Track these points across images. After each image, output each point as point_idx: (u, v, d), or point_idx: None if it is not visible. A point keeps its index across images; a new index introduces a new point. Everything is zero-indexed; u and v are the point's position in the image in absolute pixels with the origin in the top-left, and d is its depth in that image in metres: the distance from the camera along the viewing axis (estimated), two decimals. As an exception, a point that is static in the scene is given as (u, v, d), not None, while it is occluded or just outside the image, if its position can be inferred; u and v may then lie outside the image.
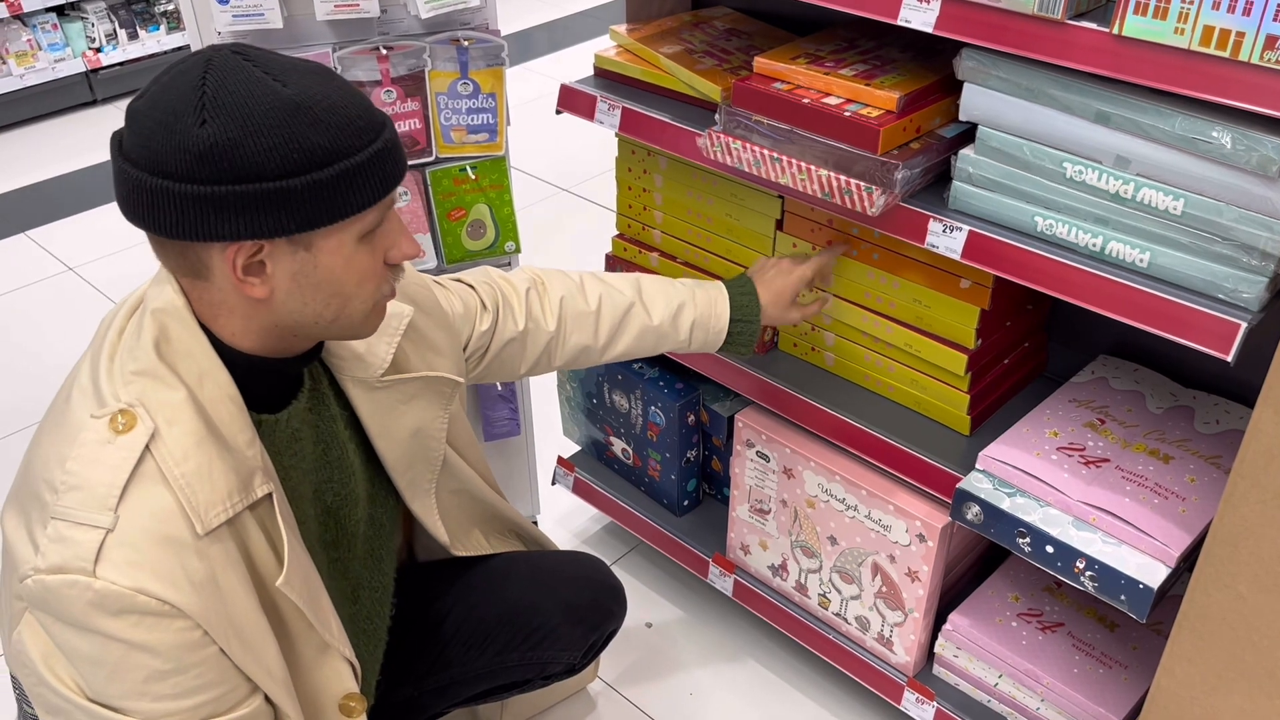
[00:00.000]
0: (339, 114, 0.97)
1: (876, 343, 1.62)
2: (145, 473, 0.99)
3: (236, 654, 1.04)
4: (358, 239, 1.03)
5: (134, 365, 1.03)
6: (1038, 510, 1.37)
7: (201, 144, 0.93)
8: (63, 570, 0.96)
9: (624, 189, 1.88)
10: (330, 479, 1.24)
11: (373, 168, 1.00)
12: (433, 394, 1.32)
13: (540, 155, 3.79)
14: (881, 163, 1.31)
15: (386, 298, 1.12)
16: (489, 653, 1.53)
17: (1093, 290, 1.22)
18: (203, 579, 1.00)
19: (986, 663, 1.61)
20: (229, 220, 0.95)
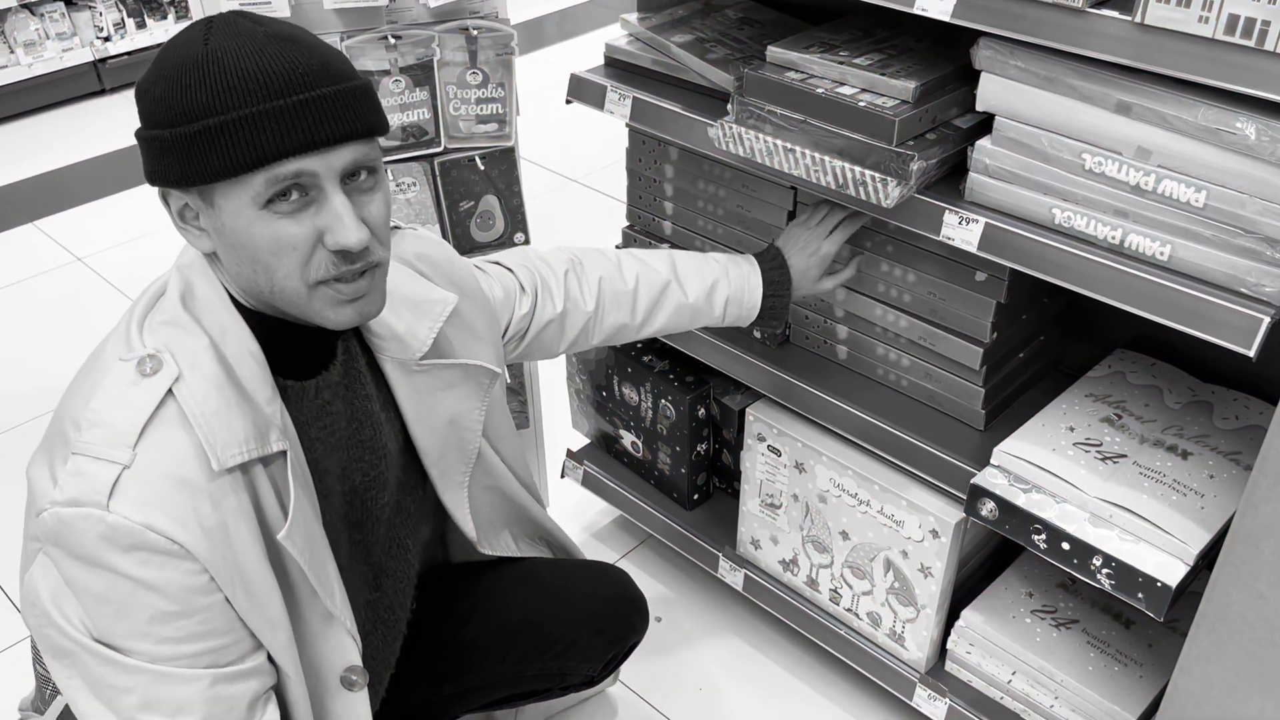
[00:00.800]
0: (230, 73, 0.95)
1: (890, 335, 1.60)
2: (166, 415, 1.00)
3: (241, 605, 1.05)
4: (257, 205, 0.98)
5: (161, 316, 1.06)
6: (1054, 507, 1.35)
7: (137, 88, 1.00)
8: (77, 503, 0.97)
9: (634, 179, 1.86)
10: (360, 458, 1.23)
11: (245, 128, 0.94)
12: (471, 383, 1.32)
13: (550, 146, 3.77)
14: (897, 154, 1.29)
15: (337, 287, 1.04)
16: (509, 660, 1.52)
17: (1112, 284, 1.20)
18: (213, 524, 1.01)
19: (1000, 659, 1.59)
20: (145, 162, 1.01)
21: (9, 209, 3.64)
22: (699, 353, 1.80)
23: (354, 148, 1.00)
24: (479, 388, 1.33)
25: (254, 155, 0.96)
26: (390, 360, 1.23)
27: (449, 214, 1.71)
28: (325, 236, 1.01)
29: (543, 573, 1.59)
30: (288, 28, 0.99)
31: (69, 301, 3.13)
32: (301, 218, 1.00)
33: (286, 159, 0.97)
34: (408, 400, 1.26)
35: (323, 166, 0.99)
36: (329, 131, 0.98)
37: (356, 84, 1.01)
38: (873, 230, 1.55)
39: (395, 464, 1.28)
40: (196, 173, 0.97)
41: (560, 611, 1.55)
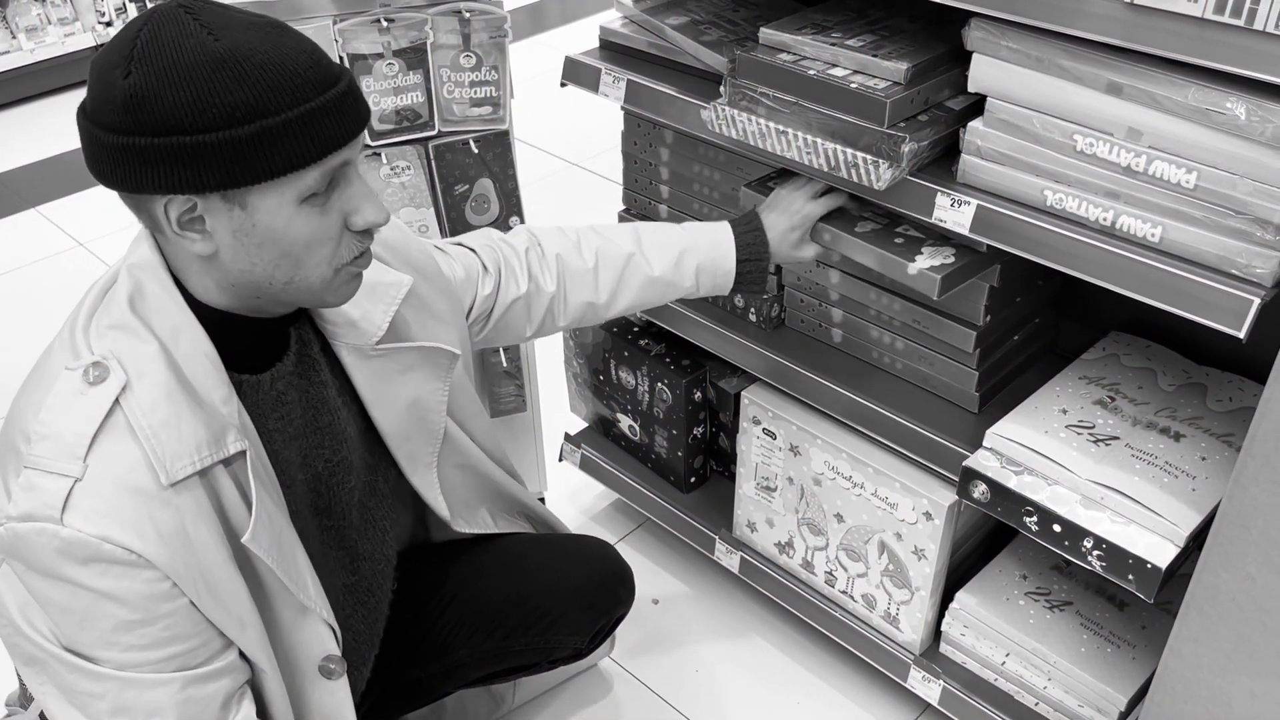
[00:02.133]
0: (269, 70, 0.94)
1: (884, 319, 1.60)
2: (114, 424, 1.00)
3: (207, 606, 1.05)
4: (299, 200, 1.00)
5: (108, 319, 1.03)
6: (1045, 489, 1.35)
7: (123, 94, 0.93)
8: (31, 517, 0.97)
9: (629, 162, 1.86)
10: (320, 445, 1.23)
11: (301, 128, 0.96)
12: (430, 365, 1.31)
13: (549, 129, 3.76)
14: (888, 136, 1.29)
15: (355, 265, 1.09)
16: (496, 636, 1.53)
17: (1103, 266, 1.20)
18: (171, 530, 1.01)
19: (994, 641, 1.59)
20: (151, 172, 0.95)
21: (12, 194, 3.65)
22: (695, 336, 1.80)
23: (360, 134, 1.04)
24: (438, 369, 1.33)
25: (314, 151, 0.97)
26: (345, 346, 1.23)
27: (443, 197, 1.71)
28: (351, 218, 1.04)
29: (526, 548, 1.60)
30: (257, 16, 0.99)
31: (72, 286, 3.14)
32: (330, 207, 1.03)
33: (337, 151, 1.00)
34: (366, 385, 1.26)
35: (351, 154, 1.02)
36: (359, 120, 1.02)
37: (352, 75, 1.04)
38: (867, 213, 1.55)
39: (357, 448, 1.28)
40: (244, 175, 0.96)
41: (545, 586, 1.56)
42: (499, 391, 1.94)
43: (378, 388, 1.27)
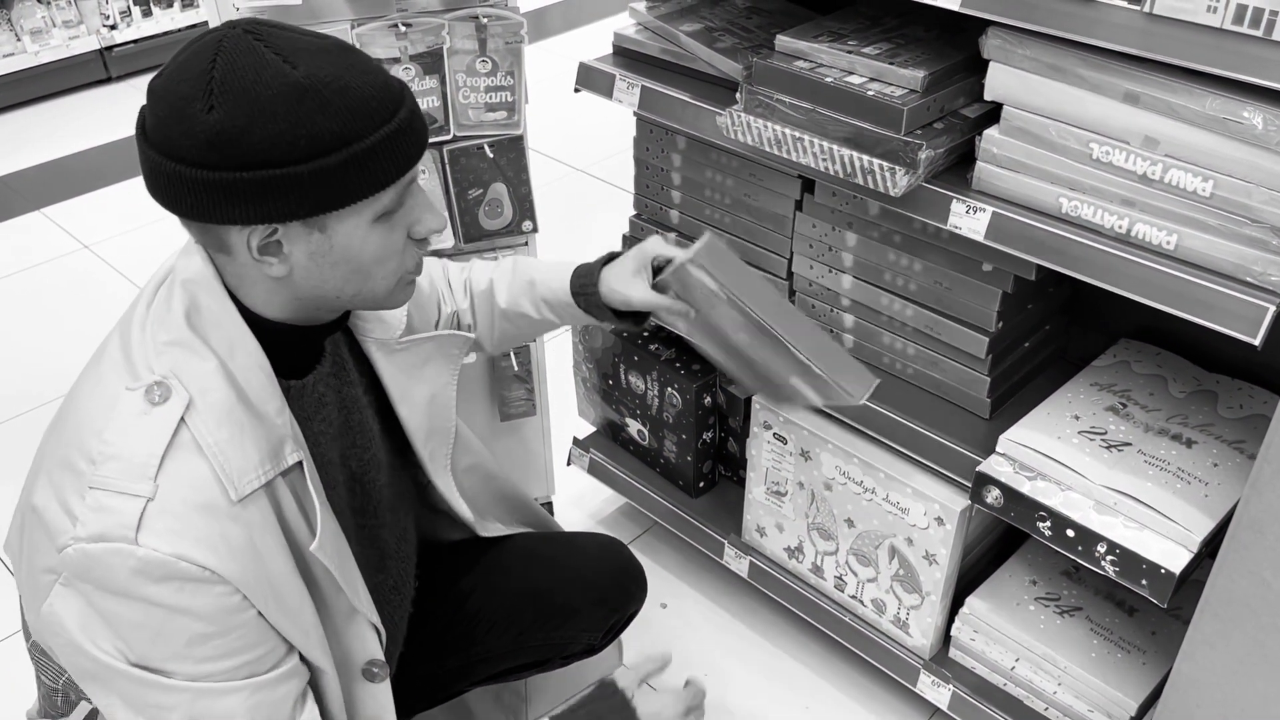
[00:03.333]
0: (349, 96, 0.96)
1: (896, 324, 1.61)
2: (181, 443, 1.00)
3: (274, 616, 1.06)
4: (374, 219, 1.02)
5: (166, 335, 1.03)
6: (1059, 494, 1.36)
7: (209, 130, 0.93)
8: (104, 538, 0.97)
9: (641, 168, 1.87)
10: (354, 444, 1.24)
11: (384, 151, 0.98)
12: (443, 356, 1.35)
13: (554, 135, 3.77)
14: (905, 143, 1.30)
15: (412, 272, 1.12)
16: (511, 632, 1.54)
17: (1118, 273, 1.21)
18: (241, 544, 1.02)
19: (1004, 646, 1.60)
20: (239, 205, 0.96)
21: (16, 196, 3.65)
22: (705, 341, 1.81)
23: None
24: (450, 359, 1.36)
25: (395, 171, 1.00)
26: (373, 342, 1.26)
27: (457, 201, 1.72)
28: (414, 228, 1.08)
29: (540, 545, 1.61)
30: (320, 37, 1.01)
31: (77, 289, 3.14)
32: (397, 221, 1.06)
33: (410, 169, 1.03)
34: (392, 381, 1.28)
35: (418, 168, 1.05)
36: (425, 134, 1.05)
37: (403, 82, 1.06)
38: (879, 220, 1.56)
39: (381, 445, 1.30)
40: (332, 201, 0.98)
41: (559, 582, 1.57)
42: (509, 395, 1.95)
43: (402, 383, 1.29)
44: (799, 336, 1.32)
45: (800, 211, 1.66)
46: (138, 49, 4.48)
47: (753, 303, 1.32)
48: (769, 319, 1.32)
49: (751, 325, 1.33)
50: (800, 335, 1.32)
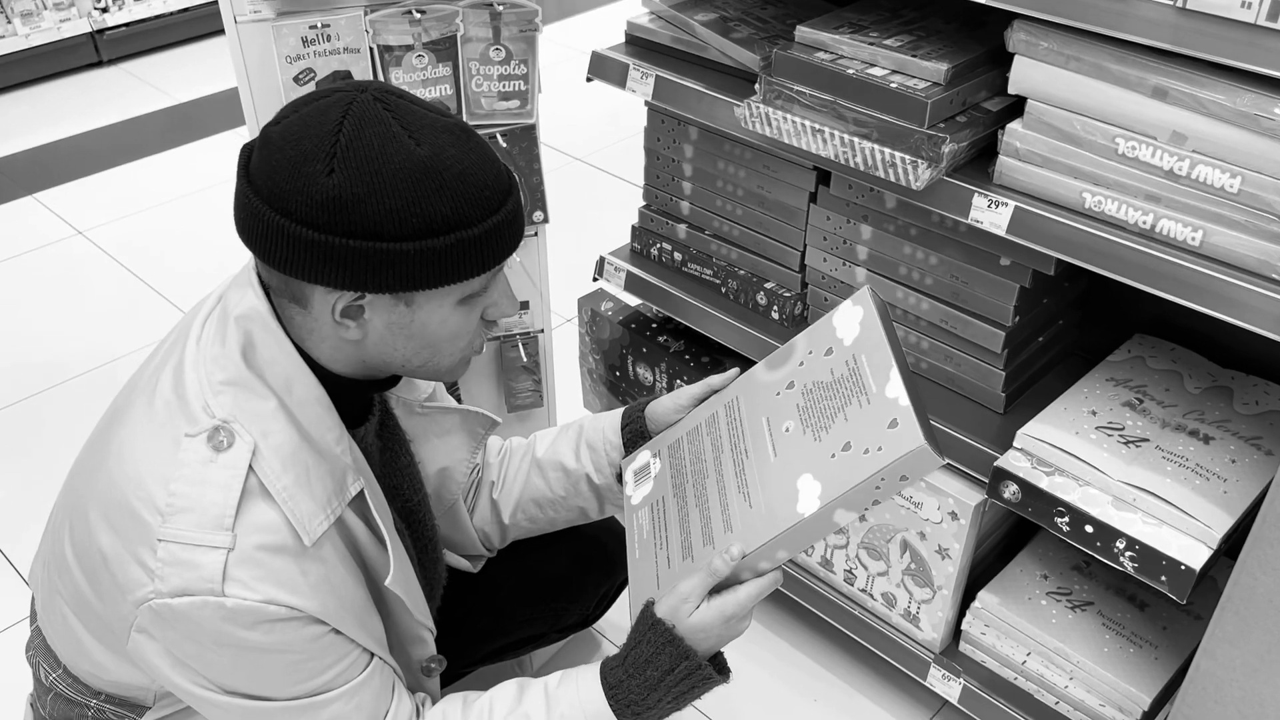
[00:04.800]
0: (467, 181, 0.97)
1: (910, 318, 1.61)
2: (251, 489, 1.00)
3: (356, 635, 1.08)
4: (459, 301, 1.04)
5: (222, 375, 1.03)
6: (1077, 489, 1.36)
7: (326, 193, 0.93)
8: (188, 593, 0.97)
9: (652, 159, 1.86)
10: (400, 486, 1.28)
11: (489, 240, 1.00)
12: (466, 433, 1.38)
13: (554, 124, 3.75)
14: (928, 136, 1.29)
15: (478, 352, 1.13)
16: (505, 606, 1.55)
17: (1142, 269, 1.21)
18: (319, 580, 1.03)
19: (1015, 640, 1.60)
20: (337, 270, 0.96)
21: (7, 181, 3.61)
22: (715, 332, 1.80)
23: None
24: (473, 438, 1.39)
25: (493, 260, 1.02)
26: (397, 400, 1.29)
27: (468, 191, 1.70)
28: (490, 311, 1.09)
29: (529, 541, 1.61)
30: (443, 114, 1.01)
31: (69, 275, 3.11)
32: (477, 303, 1.07)
33: (507, 259, 1.04)
34: (412, 440, 1.33)
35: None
36: (523, 226, 1.06)
37: (511, 170, 1.07)
38: (896, 213, 1.55)
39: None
40: (428, 280, 0.99)
41: (547, 553, 1.58)
42: (516, 387, 1.94)
43: (416, 447, 1.33)
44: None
45: (815, 204, 1.65)
46: (129, 32, 4.43)
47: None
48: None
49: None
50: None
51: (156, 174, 3.61)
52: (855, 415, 1.10)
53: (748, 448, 1.19)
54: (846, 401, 1.12)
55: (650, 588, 1.18)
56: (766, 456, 1.16)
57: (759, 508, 1.12)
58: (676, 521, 1.21)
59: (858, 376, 1.13)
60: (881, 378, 1.10)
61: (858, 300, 1.20)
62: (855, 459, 1.06)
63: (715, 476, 1.20)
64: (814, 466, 1.10)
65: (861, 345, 1.16)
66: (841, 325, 1.20)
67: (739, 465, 1.19)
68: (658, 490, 1.27)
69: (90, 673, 1.14)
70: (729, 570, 1.09)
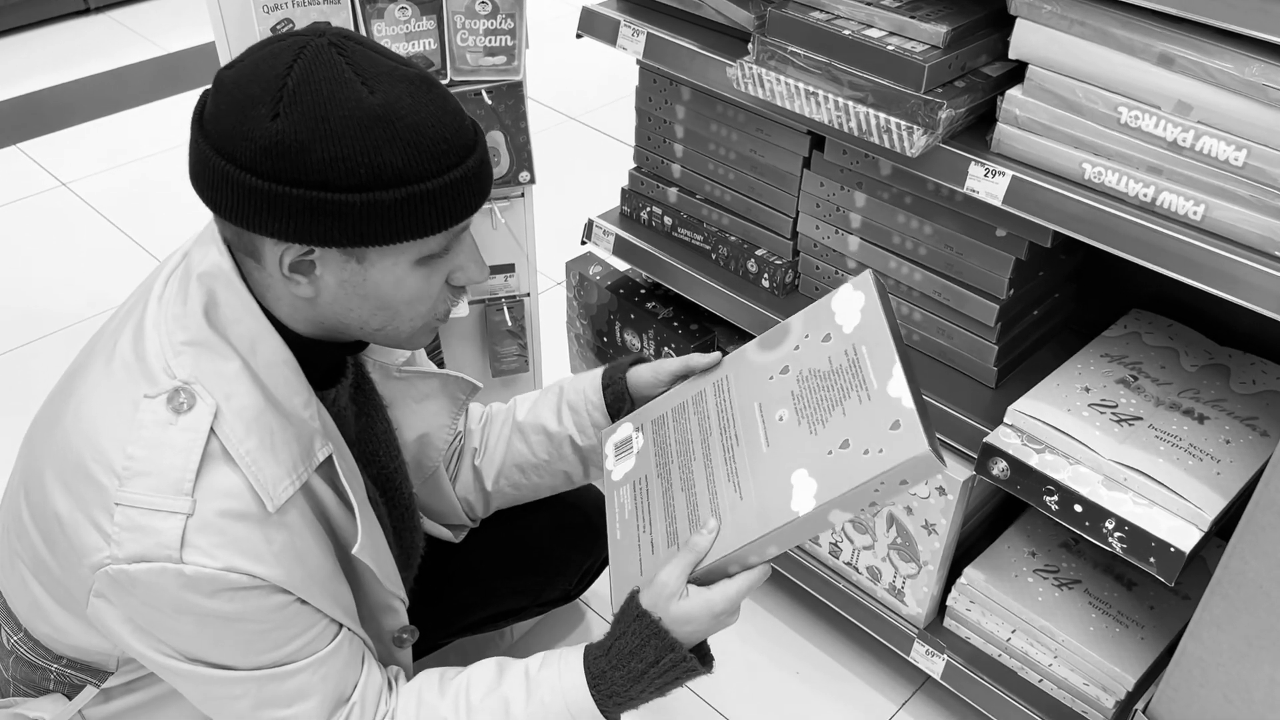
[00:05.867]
0: (423, 133, 0.92)
1: (903, 289, 1.57)
2: (213, 454, 0.96)
3: (323, 605, 1.05)
4: (415, 261, 0.98)
5: (184, 335, 0.99)
6: (1067, 468, 1.33)
7: (270, 138, 0.89)
8: (146, 559, 0.94)
9: (643, 119, 1.81)
10: (376, 452, 1.24)
11: (444, 196, 0.94)
12: (448, 398, 1.33)
13: (547, 82, 3.69)
14: (925, 101, 1.25)
15: (441, 319, 1.08)
16: (482, 580, 1.52)
17: (1141, 243, 1.17)
18: (284, 547, 0.99)
19: (1000, 617, 1.58)
20: (282, 220, 0.92)
21: (-9, 130, 3.55)
22: (704, 299, 1.76)
23: None
24: (454, 403, 1.34)
25: (450, 218, 0.96)
26: (372, 363, 1.24)
27: (453, 149, 1.66)
28: (455, 275, 1.04)
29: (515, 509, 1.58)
30: (405, 63, 0.96)
31: (53, 228, 3.06)
32: (439, 266, 1.01)
33: (467, 219, 0.98)
34: (389, 403, 1.28)
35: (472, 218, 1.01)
36: (489, 185, 1.00)
37: (479, 125, 1.01)
38: (891, 181, 1.51)
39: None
40: (377, 235, 0.93)
41: (528, 526, 1.55)
42: (501, 351, 1.90)
43: (394, 412, 1.28)
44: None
45: (808, 170, 1.60)
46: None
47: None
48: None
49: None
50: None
51: (144, 125, 3.54)
52: (854, 411, 1.06)
53: (738, 433, 1.15)
54: (845, 395, 1.08)
55: (633, 572, 1.15)
56: (758, 445, 1.12)
57: (750, 500, 1.09)
58: (661, 504, 1.17)
59: (858, 369, 1.09)
60: (884, 373, 1.06)
61: (859, 285, 1.16)
62: (854, 459, 1.02)
63: (703, 459, 1.16)
64: (809, 462, 1.06)
65: (862, 335, 1.11)
66: (841, 310, 1.16)
67: (728, 451, 1.15)
68: (640, 468, 1.23)
69: (51, 636, 1.11)
70: (709, 545, 1.06)
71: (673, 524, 1.14)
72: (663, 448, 1.22)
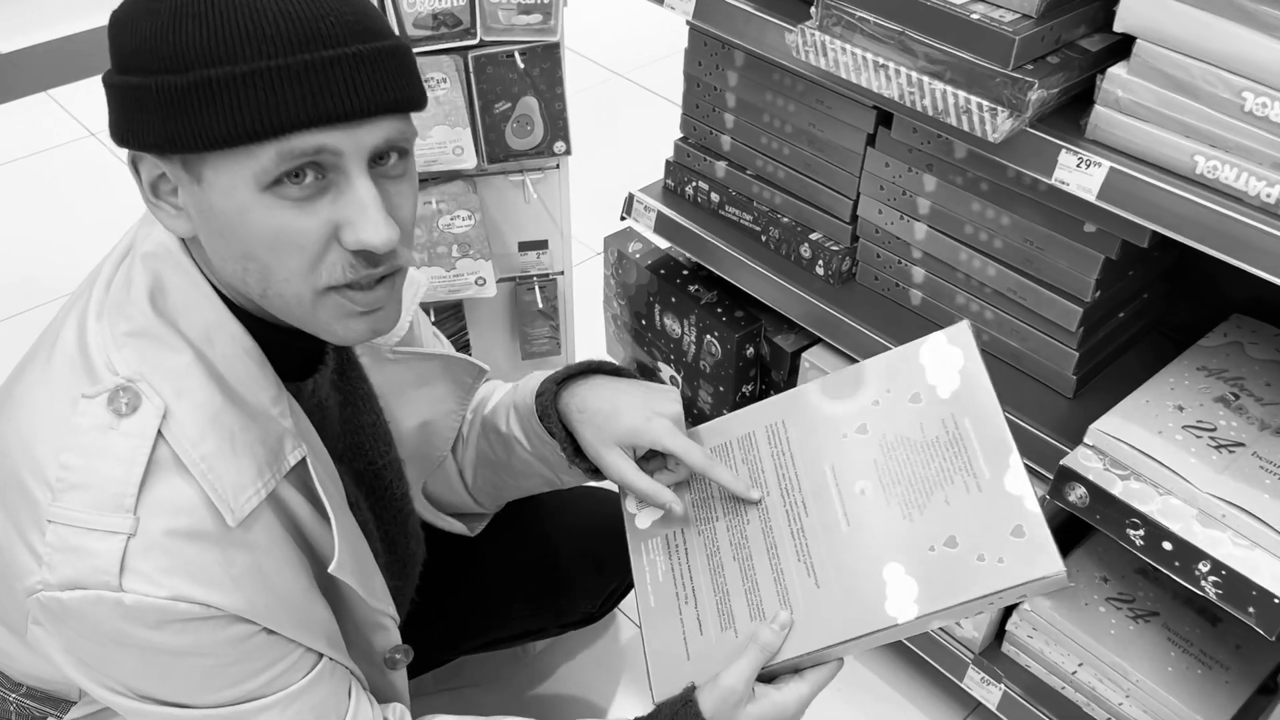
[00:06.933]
0: (247, 12, 0.75)
1: (974, 284, 1.41)
2: (160, 461, 0.83)
3: (295, 633, 0.91)
4: (258, 186, 0.78)
5: (127, 325, 0.86)
6: (1156, 499, 1.18)
7: (110, 23, 0.81)
8: (79, 585, 0.81)
9: (691, 85, 1.65)
10: (362, 446, 1.09)
11: (248, 87, 0.75)
12: (451, 382, 1.17)
13: (591, 33, 3.51)
14: (1013, 79, 1.09)
15: (351, 296, 0.85)
16: (501, 602, 1.40)
17: (1265, 253, 1.01)
18: (245, 570, 0.86)
19: (1066, 648, 1.44)
20: (113, 116, 0.81)
21: (21, 75, 3.45)
22: (751, 286, 1.61)
23: (390, 123, 0.81)
24: (460, 388, 1.18)
25: (265, 122, 0.76)
26: (361, 347, 1.08)
27: (482, 116, 1.52)
28: (343, 232, 0.81)
29: (530, 505, 1.41)
30: None
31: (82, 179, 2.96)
32: (314, 207, 0.80)
33: (306, 130, 0.77)
34: (382, 390, 1.12)
35: (350, 144, 0.79)
36: (364, 99, 0.78)
37: (398, 44, 0.82)
38: (965, 164, 1.35)
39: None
40: (183, 137, 0.77)
41: (552, 547, 1.42)
42: (531, 333, 1.77)
43: (389, 400, 1.13)
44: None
45: (873, 148, 1.45)
46: (157, -79, 4.22)
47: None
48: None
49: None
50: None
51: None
52: (960, 501, 0.92)
53: (806, 500, 1.00)
54: (947, 478, 0.94)
55: (677, 653, 1.00)
56: (836, 522, 0.97)
57: (831, 593, 0.94)
58: (707, 572, 1.02)
59: (961, 447, 0.95)
60: (997, 460, 0.92)
61: (955, 339, 1.01)
62: (964, 564, 0.89)
63: (760, 524, 1.01)
64: (905, 556, 0.92)
65: (964, 405, 0.97)
66: (934, 367, 1.01)
67: (795, 522, 1.00)
68: (673, 520, 1.08)
69: (4, 662, 1.01)
70: (779, 643, 0.93)
71: (725, 601, 0.99)
72: (704, 498, 1.06)
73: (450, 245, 1.58)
